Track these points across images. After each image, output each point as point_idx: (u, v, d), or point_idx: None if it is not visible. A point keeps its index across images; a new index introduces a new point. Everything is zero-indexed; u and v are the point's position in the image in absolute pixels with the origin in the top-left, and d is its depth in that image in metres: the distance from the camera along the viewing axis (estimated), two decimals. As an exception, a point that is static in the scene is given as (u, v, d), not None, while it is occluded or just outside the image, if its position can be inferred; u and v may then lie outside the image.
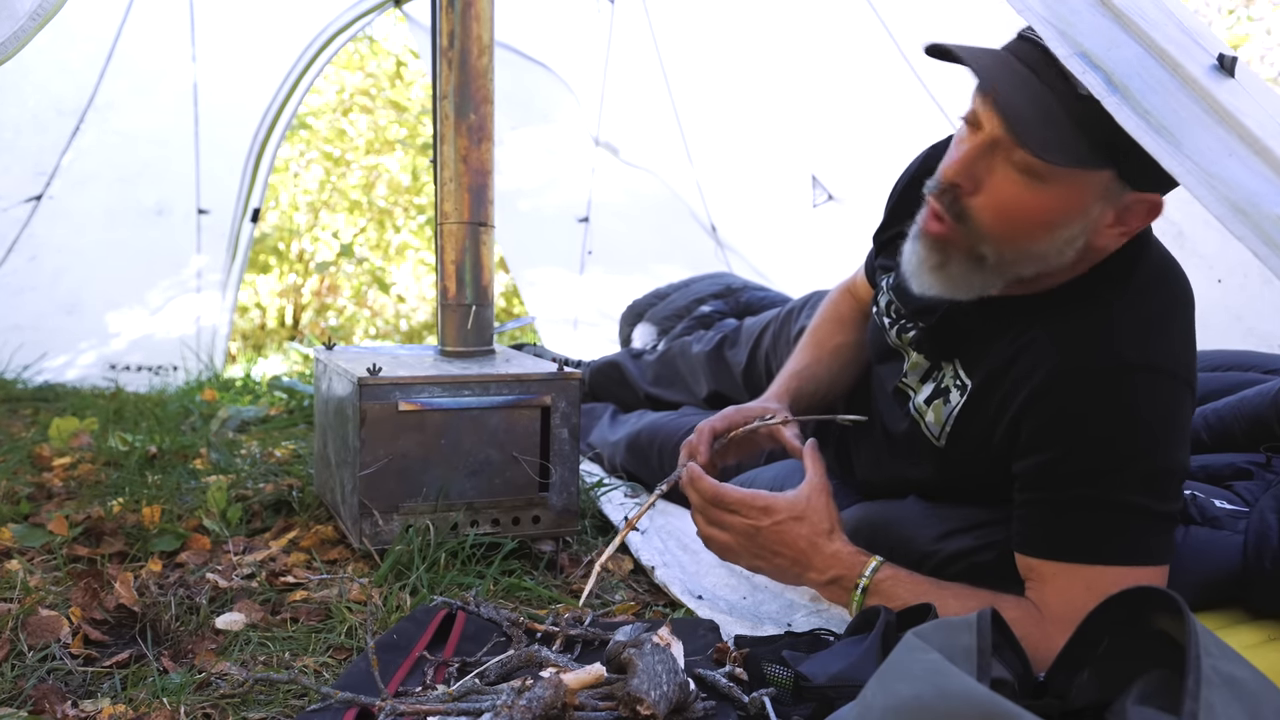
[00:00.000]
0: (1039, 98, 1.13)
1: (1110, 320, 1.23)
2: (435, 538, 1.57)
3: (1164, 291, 1.26)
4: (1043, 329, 1.27)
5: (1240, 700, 0.71)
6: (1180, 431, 1.22)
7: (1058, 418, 1.23)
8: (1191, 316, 1.27)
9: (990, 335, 1.34)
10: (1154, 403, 1.20)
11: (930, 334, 1.42)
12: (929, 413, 1.41)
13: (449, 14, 1.75)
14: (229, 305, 3.95)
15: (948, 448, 1.39)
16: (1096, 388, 1.21)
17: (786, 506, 1.34)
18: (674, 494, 2.09)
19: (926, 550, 1.41)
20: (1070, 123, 1.11)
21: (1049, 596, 1.22)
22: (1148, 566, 1.20)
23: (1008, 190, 1.18)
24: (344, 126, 6.79)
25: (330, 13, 3.54)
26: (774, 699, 1.11)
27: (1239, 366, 1.80)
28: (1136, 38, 0.96)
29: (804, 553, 1.34)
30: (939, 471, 1.42)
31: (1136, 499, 1.19)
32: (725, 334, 2.28)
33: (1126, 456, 1.20)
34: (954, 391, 1.38)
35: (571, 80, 3.86)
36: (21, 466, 2.22)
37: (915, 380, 1.46)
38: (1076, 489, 1.21)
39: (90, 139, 3.46)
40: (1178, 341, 1.24)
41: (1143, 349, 1.21)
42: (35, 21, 1.22)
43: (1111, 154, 1.12)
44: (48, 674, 1.23)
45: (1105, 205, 1.18)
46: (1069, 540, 1.22)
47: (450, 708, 1.03)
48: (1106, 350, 1.21)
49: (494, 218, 1.82)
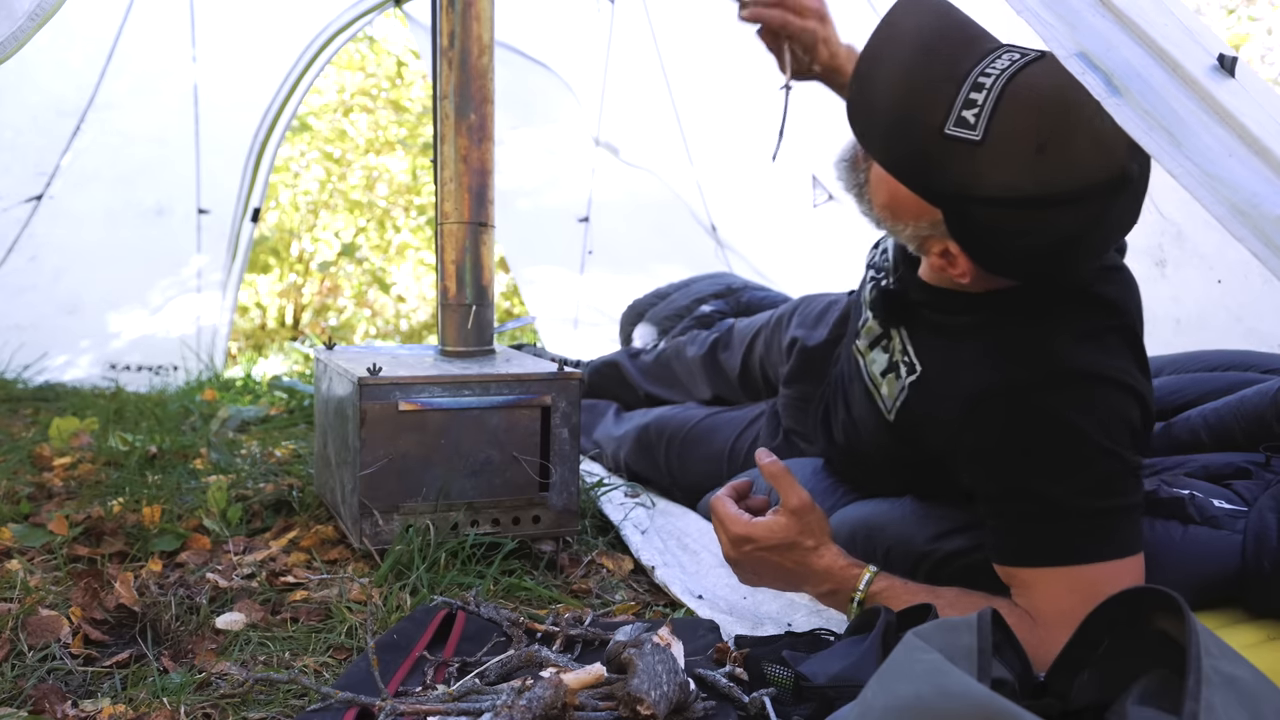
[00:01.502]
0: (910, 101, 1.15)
1: (1048, 333, 1.25)
2: (435, 538, 1.57)
3: (1105, 316, 1.28)
4: (987, 336, 1.29)
5: (1241, 700, 0.71)
6: (1126, 432, 1.23)
7: (1003, 436, 1.24)
8: (1134, 338, 1.30)
9: (938, 317, 1.36)
10: (1095, 410, 1.21)
11: (885, 296, 1.44)
12: (883, 385, 1.43)
13: (449, 14, 1.75)
14: (229, 305, 3.95)
15: (896, 422, 1.40)
16: (1037, 403, 1.22)
17: (764, 534, 1.32)
18: (676, 491, 2.09)
19: (923, 550, 1.41)
20: (918, 153, 1.15)
21: (1035, 602, 1.23)
22: (1123, 559, 1.20)
23: (877, 169, 1.25)
24: (344, 127, 6.79)
25: (330, 13, 3.53)
26: (774, 699, 1.11)
27: (1238, 366, 1.80)
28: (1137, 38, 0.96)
29: (793, 573, 1.34)
30: (890, 444, 1.43)
31: (1092, 503, 1.20)
32: (718, 336, 2.26)
33: (1071, 467, 1.21)
34: (903, 368, 1.39)
35: (572, 80, 3.86)
36: (22, 466, 2.22)
37: (866, 345, 1.48)
38: (1033, 503, 1.22)
39: (90, 139, 3.46)
40: (1113, 353, 1.26)
41: (1074, 357, 1.23)
42: (34, 21, 1.22)
43: (939, 201, 1.17)
44: (48, 674, 1.23)
45: (931, 233, 1.23)
46: (1039, 547, 1.23)
47: (450, 708, 1.03)
48: (1044, 364, 1.23)
49: (494, 218, 1.82)
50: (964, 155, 1.11)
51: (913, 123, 1.14)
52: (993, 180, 1.11)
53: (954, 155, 1.11)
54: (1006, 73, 1.11)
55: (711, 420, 2.09)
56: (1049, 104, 1.09)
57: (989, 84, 1.11)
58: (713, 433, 2.06)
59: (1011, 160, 1.10)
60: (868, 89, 1.18)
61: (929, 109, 1.13)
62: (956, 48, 1.17)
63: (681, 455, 2.07)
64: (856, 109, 1.20)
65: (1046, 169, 1.09)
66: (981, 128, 1.09)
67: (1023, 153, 1.10)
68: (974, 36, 1.19)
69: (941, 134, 1.11)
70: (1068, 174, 1.10)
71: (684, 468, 2.07)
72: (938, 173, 1.14)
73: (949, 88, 1.12)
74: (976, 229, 1.16)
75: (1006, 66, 1.12)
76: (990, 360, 1.26)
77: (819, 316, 1.98)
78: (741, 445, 2.01)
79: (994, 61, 1.13)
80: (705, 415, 2.11)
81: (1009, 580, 1.27)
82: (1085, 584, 1.18)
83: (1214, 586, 1.33)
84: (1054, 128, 1.09)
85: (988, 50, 1.16)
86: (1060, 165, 1.10)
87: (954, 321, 1.34)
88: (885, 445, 1.46)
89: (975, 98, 1.10)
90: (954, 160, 1.12)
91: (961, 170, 1.12)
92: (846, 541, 1.49)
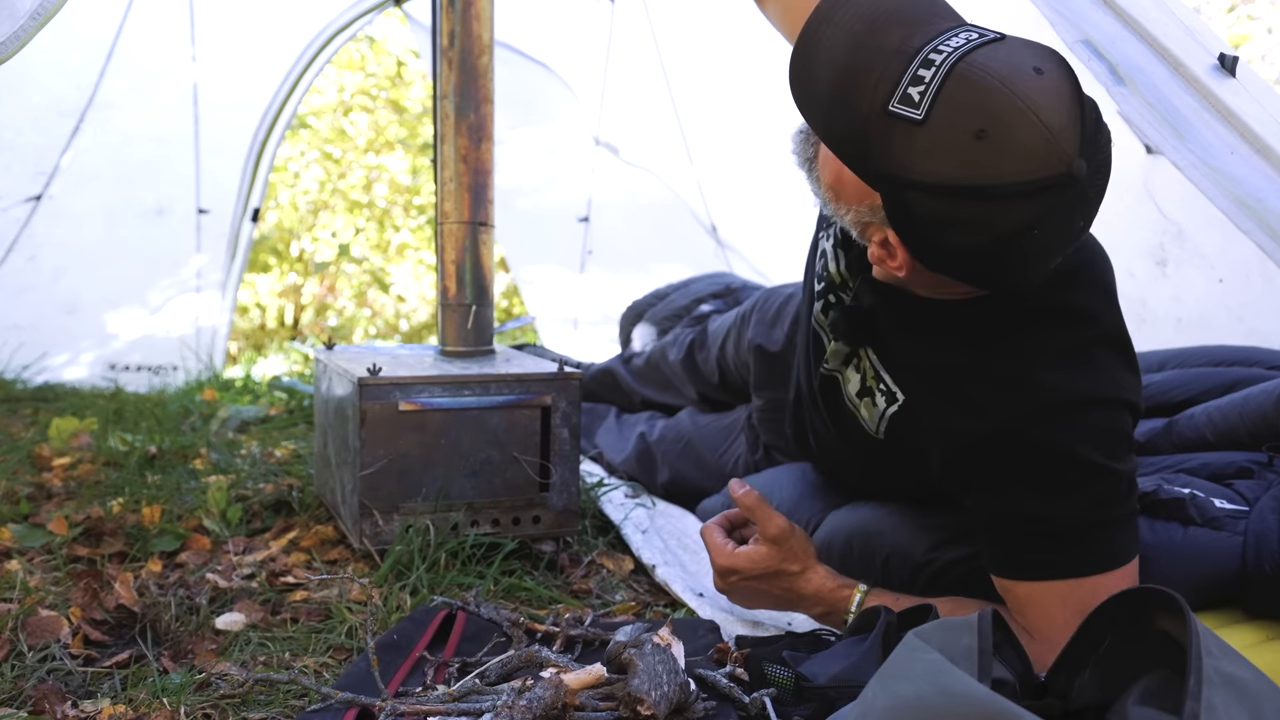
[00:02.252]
0: (851, 78, 1.06)
1: (1028, 365, 1.20)
2: (435, 538, 1.57)
3: (1089, 326, 1.22)
4: (966, 361, 1.23)
5: (1241, 700, 0.71)
6: (1120, 445, 1.20)
7: (997, 470, 1.21)
8: (1121, 345, 1.24)
9: (905, 333, 1.30)
10: (1088, 433, 1.18)
11: (846, 317, 1.37)
12: (861, 408, 1.38)
13: (449, 13, 1.75)
14: (229, 305, 3.95)
15: (887, 441, 1.36)
16: (1029, 439, 1.18)
17: (747, 565, 1.31)
18: (674, 495, 2.09)
19: (922, 560, 1.39)
20: (860, 127, 1.06)
21: (1029, 616, 1.22)
22: (1119, 569, 1.19)
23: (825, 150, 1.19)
24: (344, 126, 6.79)
25: (330, 12, 3.53)
26: (775, 699, 1.11)
27: (1241, 362, 1.80)
28: (1139, 36, 0.96)
29: (783, 599, 1.34)
30: (880, 457, 1.40)
31: (1092, 516, 1.18)
32: (694, 338, 2.23)
33: (1071, 488, 1.18)
34: (879, 396, 1.34)
35: (572, 80, 3.86)
36: (21, 466, 2.22)
37: (838, 364, 1.42)
38: (1028, 521, 1.20)
39: (90, 139, 3.46)
40: (1105, 369, 1.21)
41: (1072, 383, 1.18)
42: (36, 21, 1.21)
43: (877, 183, 1.09)
44: (48, 674, 1.23)
45: (870, 220, 1.16)
46: (1032, 561, 1.21)
47: (450, 708, 1.03)
48: (1031, 400, 1.18)
49: (494, 217, 1.82)
50: (904, 135, 1.02)
51: (855, 97, 1.05)
52: (929, 165, 1.02)
53: (895, 135, 1.03)
54: (959, 50, 1.02)
55: (701, 433, 2.09)
56: (997, 88, 0.99)
57: (939, 61, 1.01)
58: (703, 445, 2.06)
59: (950, 145, 1.01)
60: (811, 55, 1.09)
61: (874, 84, 1.04)
62: (911, 21, 1.07)
63: (678, 468, 2.08)
64: (798, 76, 1.10)
65: (986, 157, 1.00)
66: (925, 107, 1.01)
67: (962, 136, 1.00)
68: (933, 12, 1.10)
69: (885, 111, 1.03)
70: (1008, 165, 1.00)
71: (683, 481, 2.08)
72: (878, 153, 1.05)
73: (898, 62, 1.03)
74: (913, 218, 1.07)
75: (961, 45, 1.02)
76: (976, 401, 1.21)
77: (776, 316, 1.93)
78: (727, 460, 2.02)
79: (949, 39, 1.03)
80: (695, 428, 2.11)
81: (1004, 594, 1.25)
82: (1080, 597, 1.16)
83: (1214, 588, 1.32)
84: (998, 114, 0.99)
85: (946, 28, 1.06)
86: (1000, 154, 1.00)
87: (923, 345, 1.28)
88: (875, 455, 1.42)
89: (923, 74, 1.01)
90: (895, 140, 1.03)
91: (902, 151, 1.03)
92: (843, 549, 1.48)
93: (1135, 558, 1.21)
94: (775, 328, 1.91)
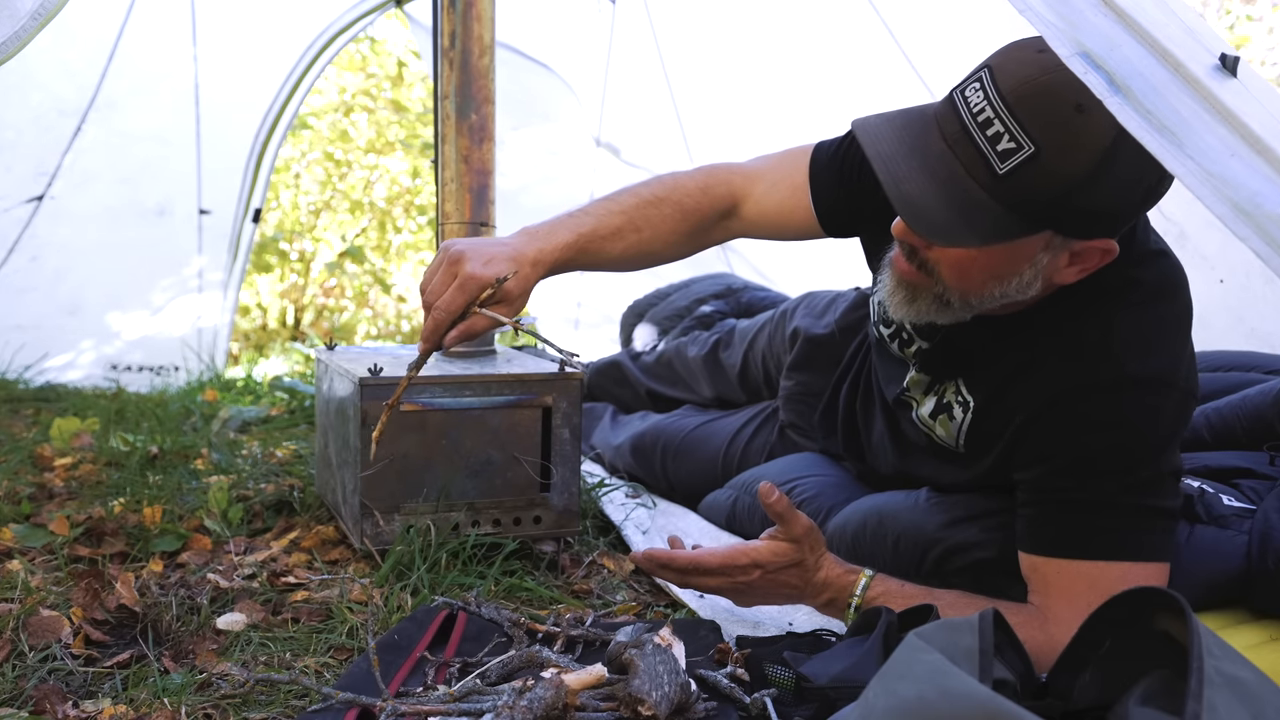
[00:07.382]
0: (954, 187, 1.13)
1: (1111, 335, 1.24)
2: (436, 538, 1.57)
3: (1163, 304, 1.27)
4: (1045, 342, 1.28)
5: (1243, 701, 0.71)
6: (1177, 437, 1.25)
7: (1062, 432, 1.25)
8: (1189, 326, 1.29)
9: (991, 353, 1.35)
10: (1157, 414, 1.22)
11: (931, 354, 1.42)
12: (937, 427, 1.43)
13: (450, 14, 1.75)
14: (230, 305, 3.95)
15: (968, 454, 1.40)
16: (1100, 404, 1.23)
17: (771, 558, 1.33)
18: (675, 495, 2.10)
19: (933, 537, 1.42)
20: (998, 206, 1.12)
21: (1052, 595, 1.23)
22: (1150, 563, 1.21)
23: (953, 251, 1.21)
24: (345, 127, 6.79)
25: (331, 13, 3.54)
26: (776, 700, 1.11)
27: (1240, 367, 1.81)
28: (1139, 38, 0.96)
29: (797, 589, 1.35)
30: (967, 470, 1.43)
31: (1138, 500, 1.21)
32: (720, 336, 2.28)
33: (1128, 465, 1.22)
34: (956, 408, 1.39)
35: (573, 80, 3.86)
36: (23, 467, 2.22)
37: (919, 394, 1.47)
38: (1078, 493, 1.23)
39: (92, 139, 3.46)
40: (1178, 352, 1.26)
41: (1144, 362, 1.22)
42: (37, 21, 1.22)
43: (1048, 222, 1.15)
44: (49, 674, 1.23)
45: (1053, 254, 1.20)
46: (1071, 537, 1.23)
47: (451, 708, 1.03)
48: (1109, 366, 1.23)
49: (495, 218, 1.82)
50: (1034, 172, 1.09)
51: (971, 193, 1.13)
52: (1073, 163, 1.09)
53: (1028, 179, 1.10)
54: (991, 92, 1.11)
55: (705, 429, 2.11)
56: (1044, 78, 1.08)
57: (989, 110, 1.10)
58: (706, 440, 2.09)
59: (1069, 135, 1.08)
60: (908, 197, 1.15)
61: (969, 173, 1.13)
62: (928, 120, 1.18)
63: (676, 462, 2.10)
64: (916, 220, 1.16)
65: (1096, 117, 1.06)
66: (1025, 140, 1.09)
67: (1070, 128, 1.08)
68: (921, 109, 1.22)
69: (1001, 177, 1.11)
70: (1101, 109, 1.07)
71: (679, 475, 2.09)
72: (1029, 203, 1.12)
73: (963, 143, 1.13)
74: (1091, 210, 1.13)
75: (983, 89, 1.12)
76: (1056, 366, 1.26)
77: (825, 309, 2.00)
78: (734, 451, 2.04)
79: (968, 99, 1.13)
80: (697, 424, 2.13)
81: (1030, 573, 1.27)
82: (1109, 582, 1.17)
83: (1219, 587, 1.33)
84: (1062, 88, 1.07)
85: (947, 104, 1.16)
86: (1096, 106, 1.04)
87: (1009, 338, 1.32)
88: (952, 479, 1.47)
89: (994, 128, 1.10)
90: (1032, 181, 1.10)
91: (1044, 180, 1.10)
92: (857, 529, 1.51)
93: (1167, 564, 1.23)
94: (823, 317, 1.97)
